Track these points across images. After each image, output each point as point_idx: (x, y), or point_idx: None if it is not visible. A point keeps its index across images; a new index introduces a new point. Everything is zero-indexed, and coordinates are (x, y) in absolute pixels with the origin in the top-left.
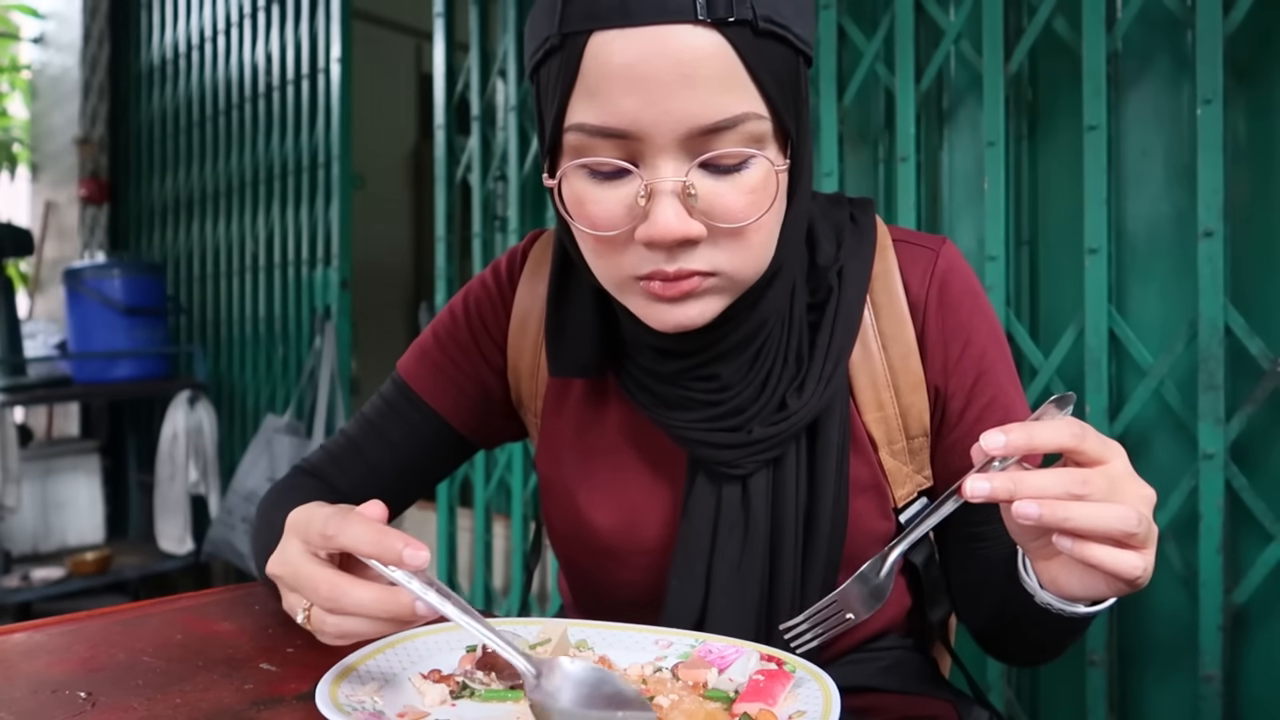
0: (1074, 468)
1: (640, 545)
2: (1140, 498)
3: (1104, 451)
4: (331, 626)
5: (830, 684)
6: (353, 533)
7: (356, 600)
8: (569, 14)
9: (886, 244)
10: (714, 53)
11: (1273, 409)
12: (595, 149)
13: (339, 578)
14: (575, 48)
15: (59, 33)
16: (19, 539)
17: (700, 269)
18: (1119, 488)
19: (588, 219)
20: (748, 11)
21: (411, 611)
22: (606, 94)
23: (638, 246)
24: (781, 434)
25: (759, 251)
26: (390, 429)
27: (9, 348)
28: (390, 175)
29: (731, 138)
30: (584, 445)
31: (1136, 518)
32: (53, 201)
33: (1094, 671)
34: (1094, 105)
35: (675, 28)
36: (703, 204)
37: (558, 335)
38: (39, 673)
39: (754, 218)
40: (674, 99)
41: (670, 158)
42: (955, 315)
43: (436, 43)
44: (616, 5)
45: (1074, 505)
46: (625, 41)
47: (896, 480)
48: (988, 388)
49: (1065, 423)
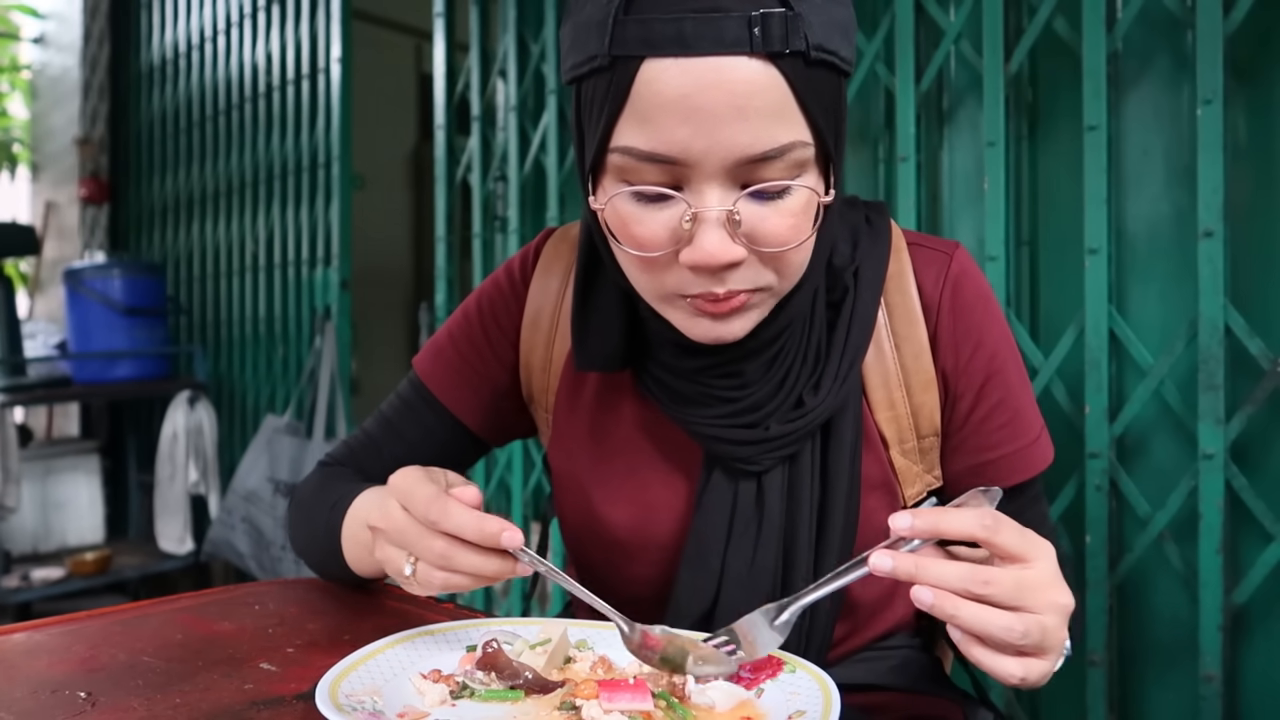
0: (984, 565)
1: (653, 540)
2: (1051, 605)
3: (1023, 549)
4: (440, 580)
5: (830, 684)
6: (455, 521)
7: (470, 564)
8: (621, 37)
9: (901, 246)
10: (768, 84)
11: (1273, 409)
12: (641, 172)
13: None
14: (626, 72)
15: (59, 33)
16: (19, 539)
17: (746, 288)
18: (1027, 592)
19: (632, 239)
20: (801, 42)
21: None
22: (658, 122)
23: (682, 267)
24: (798, 431)
25: (798, 268)
26: (407, 428)
27: (9, 348)
28: (390, 175)
29: (778, 166)
30: (599, 440)
31: (1023, 629)
32: (53, 201)
33: (1094, 671)
34: (1094, 105)
35: (731, 59)
36: (746, 228)
37: (583, 330)
38: (39, 673)
39: (796, 242)
40: (725, 129)
41: (717, 185)
42: (967, 317)
43: (436, 43)
44: (673, 34)
45: (965, 604)
46: (680, 71)
47: (906, 479)
48: (996, 389)
49: (978, 514)
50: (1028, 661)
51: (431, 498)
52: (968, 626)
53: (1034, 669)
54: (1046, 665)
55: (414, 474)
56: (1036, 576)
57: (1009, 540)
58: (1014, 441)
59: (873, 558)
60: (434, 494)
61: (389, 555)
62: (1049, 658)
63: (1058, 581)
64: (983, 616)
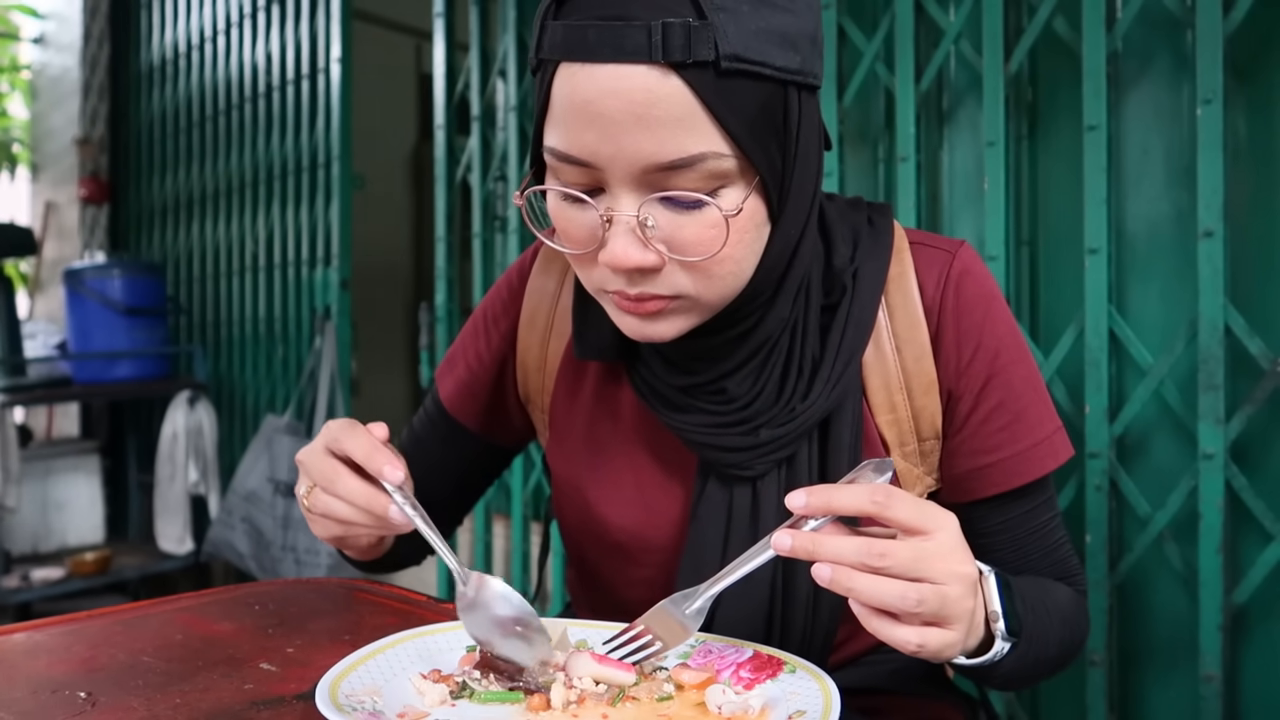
0: (881, 539)
1: (653, 542)
2: (950, 574)
3: (920, 521)
4: (321, 504)
5: (830, 684)
6: (351, 443)
7: (347, 488)
8: (544, 41)
9: (903, 246)
10: (669, 94)
11: (1273, 409)
12: (564, 172)
13: (340, 468)
14: (547, 74)
15: (59, 33)
16: (19, 539)
17: (661, 293)
18: (925, 563)
19: (562, 235)
20: (709, 52)
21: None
22: (569, 126)
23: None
24: (789, 434)
25: (727, 279)
26: (430, 441)
27: (9, 348)
28: (390, 175)
29: (690, 175)
30: (596, 440)
31: (919, 598)
32: (53, 201)
33: (1094, 671)
34: (1094, 105)
35: (633, 68)
36: (663, 235)
37: (583, 319)
38: (39, 673)
39: (713, 252)
40: (627, 137)
41: (628, 190)
42: (969, 318)
43: (436, 43)
44: (579, 40)
45: (860, 576)
46: (586, 77)
47: (907, 482)
48: (996, 390)
49: (869, 489)
50: (926, 630)
51: (341, 425)
52: (864, 598)
53: (933, 638)
54: (951, 635)
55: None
56: (936, 547)
57: (904, 514)
58: (1015, 444)
59: (774, 537)
60: (346, 423)
61: (299, 486)
62: (954, 627)
63: (959, 550)
64: (878, 587)
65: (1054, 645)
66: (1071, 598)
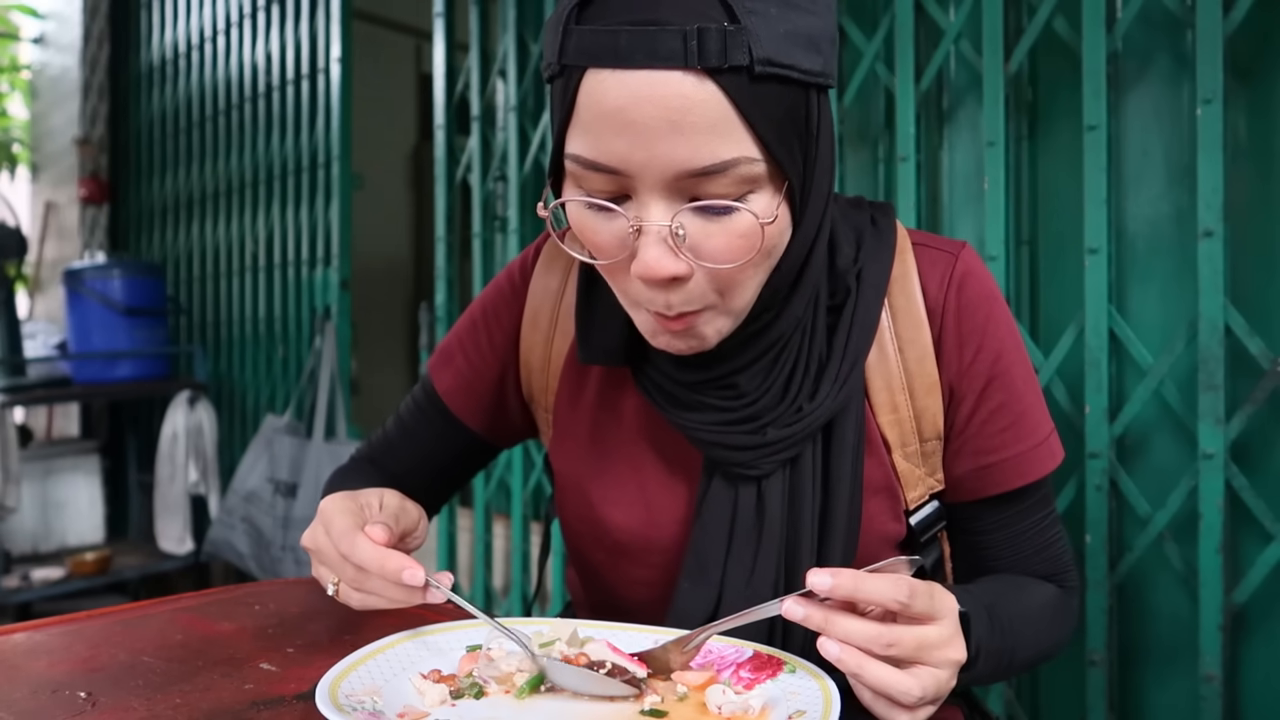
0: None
1: (655, 543)
2: (946, 660)
3: (931, 610)
4: (358, 600)
5: (830, 684)
6: (360, 557)
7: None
8: (567, 46)
9: (906, 247)
10: (705, 100)
11: (1273, 409)
12: (589, 180)
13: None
14: (572, 80)
15: (59, 33)
16: (19, 539)
17: (694, 309)
18: (926, 650)
19: (590, 245)
20: (743, 57)
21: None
22: (599, 133)
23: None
24: (796, 435)
25: (751, 286)
26: (420, 431)
27: (9, 348)
28: (390, 175)
29: (723, 181)
30: (600, 440)
31: (921, 691)
32: (53, 201)
33: (1094, 671)
34: (1094, 105)
35: (665, 74)
36: (691, 243)
37: (587, 323)
38: (39, 673)
39: (741, 261)
40: (662, 144)
41: (659, 198)
42: (972, 319)
43: (436, 43)
44: (609, 46)
45: (869, 662)
46: (617, 83)
47: (909, 483)
48: (997, 392)
49: (895, 582)
50: (917, 712)
51: (343, 532)
52: (871, 685)
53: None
54: (932, 709)
55: (338, 503)
56: (938, 636)
57: (923, 606)
58: (1017, 445)
59: (786, 604)
60: (346, 528)
61: (320, 573)
62: (938, 703)
63: (955, 638)
64: (885, 677)
65: (1027, 649)
66: (1055, 597)
